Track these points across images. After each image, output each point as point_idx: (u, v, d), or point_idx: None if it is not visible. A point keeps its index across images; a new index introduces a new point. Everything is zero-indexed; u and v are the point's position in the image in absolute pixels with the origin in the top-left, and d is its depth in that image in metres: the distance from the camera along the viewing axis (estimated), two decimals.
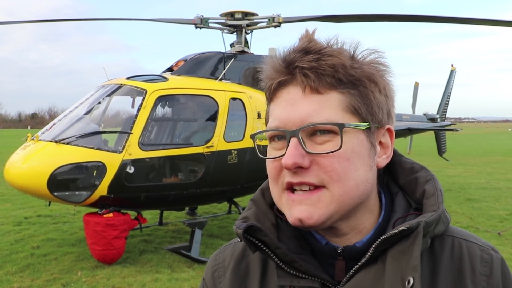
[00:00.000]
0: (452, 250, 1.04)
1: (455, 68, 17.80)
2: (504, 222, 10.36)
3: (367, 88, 1.00)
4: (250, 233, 1.05)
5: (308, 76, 0.97)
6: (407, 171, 1.12)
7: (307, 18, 9.47)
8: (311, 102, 0.97)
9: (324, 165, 0.96)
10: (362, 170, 1.00)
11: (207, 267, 1.26)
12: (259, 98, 8.91)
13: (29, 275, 6.92)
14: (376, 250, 0.98)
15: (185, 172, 8.01)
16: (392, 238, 0.96)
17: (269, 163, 1.03)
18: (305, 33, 1.03)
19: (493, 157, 28.45)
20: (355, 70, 0.99)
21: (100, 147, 7.19)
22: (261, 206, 1.15)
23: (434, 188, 1.05)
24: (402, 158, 1.14)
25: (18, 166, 6.99)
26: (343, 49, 1.00)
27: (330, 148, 0.96)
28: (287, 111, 0.99)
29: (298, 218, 0.97)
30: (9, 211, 11.79)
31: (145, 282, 6.65)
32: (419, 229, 0.95)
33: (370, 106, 1.00)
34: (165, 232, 9.64)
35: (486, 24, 9.62)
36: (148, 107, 7.44)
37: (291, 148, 0.96)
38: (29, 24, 14.48)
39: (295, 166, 0.95)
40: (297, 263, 1.02)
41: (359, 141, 0.99)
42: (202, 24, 9.37)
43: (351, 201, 0.99)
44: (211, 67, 8.84)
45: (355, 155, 0.98)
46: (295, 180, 0.97)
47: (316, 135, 0.97)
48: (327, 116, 0.96)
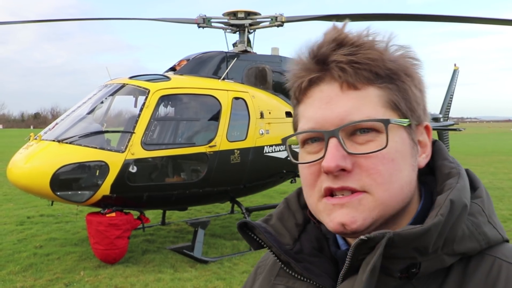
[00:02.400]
0: (489, 273, 0.89)
1: (458, 67, 17.76)
2: (507, 222, 10.31)
3: (404, 83, 0.93)
4: (251, 230, 1.04)
5: (345, 71, 0.90)
6: (443, 177, 0.99)
7: (310, 17, 9.45)
8: (349, 99, 0.90)
9: (368, 167, 0.89)
10: (406, 171, 0.92)
11: (257, 262, 1.25)
12: (262, 97, 8.90)
13: (32, 275, 6.92)
14: (355, 258, 0.89)
15: (188, 172, 8.00)
16: (362, 247, 0.87)
17: (304, 168, 0.95)
18: (333, 27, 0.95)
19: (496, 157, 28.36)
20: (391, 63, 0.92)
21: (102, 146, 7.19)
22: (292, 206, 1.10)
23: (444, 198, 0.90)
24: (445, 161, 1.02)
25: (21, 166, 6.99)
26: (376, 41, 0.93)
27: (373, 148, 0.89)
28: (322, 110, 0.92)
29: (340, 222, 0.89)
30: (12, 210, 11.80)
31: (148, 282, 6.64)
32: (382, 241, 0.83)
33: (409, 101, 0.93)
34: (168, 231, 9.63)
35: (489, 23, 9.59)
36: (151, 107, 7.43)
37: (332, 149, 0.88)
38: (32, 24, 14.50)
39: (338, 169, 0.88)
40: (290, 264, 0.99)
41: (401, 140, 0.92)
42: (205, 24, 9.36)
43: (396, 205, 0.92)
44: (213, 67, 8.84)
45: (399, 155, 0.91)
46: (336, 185, 0.89)
47: (356, 135, 0.90)
48: (368, 113, 0.89)
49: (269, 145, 8.69)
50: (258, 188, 9.34)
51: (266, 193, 12.36)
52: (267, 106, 8.81)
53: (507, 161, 25.16)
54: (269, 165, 8.79)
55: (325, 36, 0.95)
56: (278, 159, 8.90)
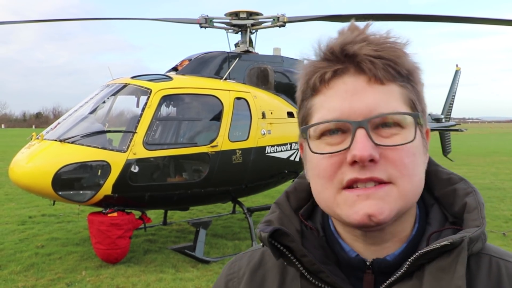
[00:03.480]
0: (490, 270, 0.94)
1: (460, 68, 17.75)
2: (509, 223, 10.31)
3: (417, 85, 0.97)
4: (275, 238, 0.98)
5: (375, 65, 0.91)
6: (444, 182, 1.04)
7: (312, 17, 9.45)
8: (377, 92, 0.91)
9: (394, 159, 0.89)
10: (422, 167, 0.96)
11: (221, 275, 1.18)
12: (264, 97, 8.90)
13: (34, 275, 6.93)
14: (412, 265, 0.91)
15: (190, 172, 8.00)
16: (431, 253, 0.89)
17: (323, 159, 0.93)
18: (354, 25, 0.98)
19: (497, 157, 28.33)
20: (410, 64, 0.95)
21: (104, 146, 7.19)
22: (285, 210, 1.08)
23: (476, 202, 0.97)
24: (439, 167, 1.07)
25: (22, 165, 7.00)
26: (397, 42, 0.96)
27: (398, 140, 0.90)
28: (349, 101, 0.91)
29: (367, 213, 0.88)
30: (13, 210, 11.81)
31: (150, 282, 6.64)
32: (463, 245, 0.88)
33: (422, 103, 0.97)
34: (169, 231, 9.64)
35: (492, 23, 9.57)
36: (153, 107, 7.43)
37: (362, 139, 0.88)
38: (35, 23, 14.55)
39: (370, 158, 0.87)
40: (324, 273, 0.95)
41: (418, 136, 0.93)
42: (207, 24, 9.37)
43: (414, 198, 0.94)
44: (215, 67, 8.84)
45: (418, 151, 0.93)
46: (363, 175, 0.88)
47: (380, 128, 0.91)
48: (394, 107, 0.91)
49: (271, 145, 8.69)
50: (260, 188, 9.34)
51: (267, 193, 12.36)
52: (269, 106, 8.81)
53: (508, 161, 25.13)
54: (271, 165, 8.79)
55: (346, 33, 0.96)
56: (280, 159, 8.90)
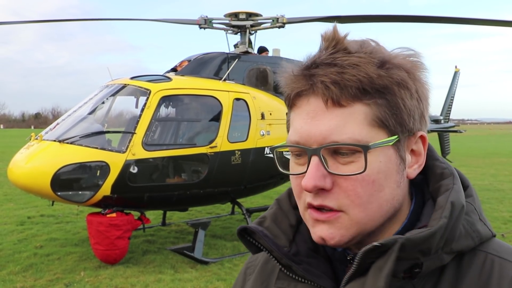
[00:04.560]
0: (482, 268, 0.93)
1: (459, 69, 17.76)
2: (507, 224, 10.31)
3: (395, 96, 0.90)
4: (250, 234, 1.05)
5: (329, 89, 0.88)
6: (436, 177, 1.02)
7: (311, 18, 9.46)
8: (334, 117, 0.89)
9: (346, 189, 0.90)
10: (388, 189, 0.92)
11: (244, 263, 1.27)
12: (263, 98, 8.90)
13: (32, 275, 6.92)
14: (363, 262, 0.91)
15: (189, 173, 8.00)
16: (373, 252, 0.89)
17: (292, 178, 0.98)
18: (332, 34, 0.94)
19: (496, 158, 28.35)
20: (382, 78, 0.89)
21: (103, 147, 7.19)
22: (284, 207, 1.11)
23: (445, 200, 0.93)
24: (436, 162, 1.04)
25: (21, 166, 6.99)
26: (373, 54, 0.91)
27: (354, 170, 0.89)
28: (308, 125, 0.91)
29: (320, 237, 0.93)
30: (12, 210, 11.80)
31: (148, 283, 6.64)
32: (394, 247, 0.85)
33: (399, 115, 0.91)
34: (168, 232, 9.63)
35: (491, 24, 9.59)
36: (152, 107, 7.43)
37: (312, 168, 0.89)
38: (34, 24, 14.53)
39: (315, 189, 0.89)
40: (294, 266, 1.00)
41: (386, 158, 0.91)
42: (206, 25, 9.37)
43: (373, 223, 0.94)
44: (215, 68, 8.84)
45: (381, 175, 0.91)
46: (315, 202, 0.92)
47: (339, 155, 0.90)
48: (350, 134, 0.88)
49: (270, 146, 8.68)
50: (259, 189, 9.34)
51: (266, 194, 12.34)
52: (268, 107, 8.82)
53: (507, 163, 25.14)
54: (270, 166, 8.76)
55: (324, 42, 0.95)
56: None
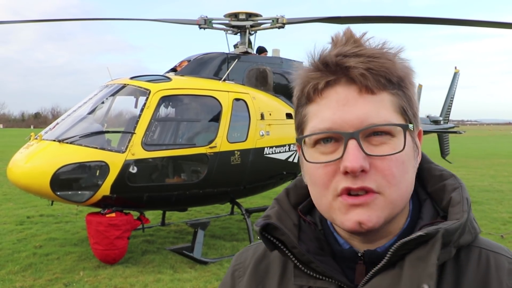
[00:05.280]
0: (479, 262, 1.00)
1: (459, 70, 17.78)
2: (507, 225, 10.31)
3: (409, 89, 1.00)
4: (269, 232, 1.05)
5: (365, 76, 0.94)
6: (436, 178, 1.09)
7: (311, 19, 9.46)
8: (367, 103, 0.95)
9: (383, 169, 0.94)
10: (411, 173, 0.99)
11: (230, 266, 1.26)
12: (263, 99, 8.90)
13: (31, 275, 6.92)
14: (394, 255, 0.96)
15: (188, 173, 8.00)
16: (410, 243, 0.94)
17: (318, 168, 0.97)
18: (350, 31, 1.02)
19: (496, 159, 28.36)
20: (400, 71, 0.98)
21: (103, 147, 7.18)
22: (284, 206, 1.13)
23: (460, 196, 1.02)
24: (432, 165, 1.13)
25: (21, 165, 6.99)
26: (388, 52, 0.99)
27: (387, 150, 0.94)
28: (341, 112, 0.95)
29: (357, 221, 0.94)
30: (11, 210, 11.80)
31: (147, 283, 6.64)
32: (438, 236, 0.92)
33: (413, 107, 1.01)
34: (168, 232, 9.63)
35: (491, 26, 9.59)
36: (152, 107, 7.43)
37: (354, 150, 0.92)
38: (34, 23, 14.50)
39: (361, 169, 0.92)
40: (314, 263, 1.02)
41: (410, 143, 0.99)
42: (206, 25, 9.37)
43: (401, 204, 0.99)
44: (214, 68, 8.84)
45: (407, 158, 0.97)
46: (355, 185, 0.93)
47: (372, 137, 0.95)
48: (385, 117, 0.95)
49: (269, 146, 8.69)
50: (258, 189, 9.34)
51: (266, 194, 12.34)
52: (268, 108, 8.82)
53: (507, 164, 25.14)
54: (269, 167, 8.79)
55: (340, 42, 1.00)
56: (278, 160, 8.91)
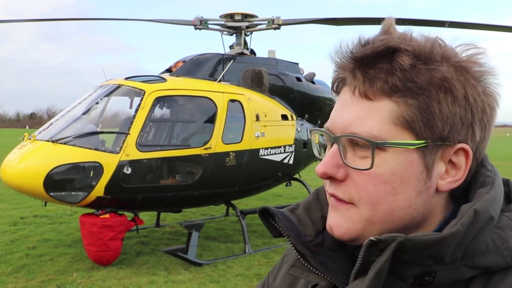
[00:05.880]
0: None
1: None
2: None
3: (431, 98, 0.83)
4: (273, 217, 1.03)
5: (356, 77, 0.86)
6: (478, 185, 0.92)
7: (307, 20, 9.46)
8: (358, 108, 0.86)
9: (357, 183, 0.87)
10: (403, 195, 0.86)
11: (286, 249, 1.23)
12: (258, 100, 8.88)
13: (24, 276, 6.87)
14: (366, 259, 0.85)
15: (183, 174, 7.97)
16: (372, 249, 0.83)
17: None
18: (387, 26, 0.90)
19: (492, 161, 28.37)
20: (417, 74, 0.83)
21: (97, 147, 7.14)
22: (321, 197, 1.07)
23: (467, 208, 0.84)
24: (482, 169, 0.95)
25: (14, 166, 6.94)
26: (411, 46, 0.85)
27: (365, 165, 0.85)
28: (337, 113, 0.91)
29: (329, 224, 0.92)
30: (5, 211, 11.73)
31: (141, 284, 6.60)
32: (391, 245, 0.79)
33: (431, 120, 0.83)
34: (162, 234, 9.59)
35: (489, 29, 9.61)
36: (146, 108, 7.40)
37: (328, 155, 0.89)
38: (31, 23, 14.44)
39: (325, 176, 0.89)
40: (307, 257, 0.98)
41: (406, 162, 0.85)
42: (202, 26, 9.36)
43: (382, 226, 0.88)
44: (210, 69, 8.82)
45: (396, 178, 0.85)
46: (329, 190, 0.92)
47: (358, 147, 0.87)
48: (369, 128, 0.84)
49: (264, 147, 8.67)
50: (253, 190, 9.32)
51: (261, 196, 12.33)
52: (263, 109, 8.80)
53: (503, 166, 25.21)
54: (265, 168, 8.77)
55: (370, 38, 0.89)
56: (273, 162, 8.89)
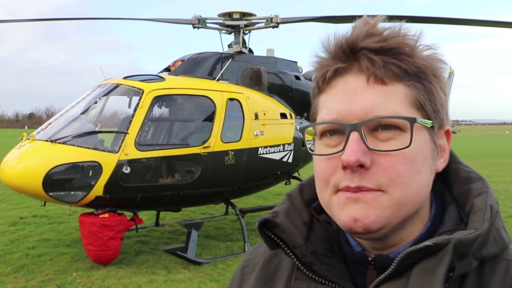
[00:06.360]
0: (505, 276, 0.90)
1: (454, 70, 17.84)
2: None
3: (431, 83, 0.90)
4: (270, 229, 0.98)
5: (374, 63, 0.87)
6: (462, 181, 0.99)
7: (305, 18, 9.45)
8: (375, 93, 0.87)
9: (386, 166, 0.86)
10: (424, 174, 0.90)
11: (241, 261, 1.20)
12: (257, 98, 8.88)
13: (24, 276, 6.86)
14: (401, 263, 0.88)
15: (182, 173, 7.97)
16: (418, 252, 0.86)
17: (321, 161, 0.92)
18: (364, 20, 0.93)
19: (490, 159, 28.48)
20: (421, 61, 0.89)
21: (96, 147, 7.14)
22: (295, 202, 1.06)
23: (484, 203, 0.91)
24: (460, 165, 1.02)
25: (13, 166, 6.93)
26: (407, 37, 0.90)
27: (394, 146, 0.86)
28: (347, 102, 0.88)
29: (353, 217, 0.86)
30: (4, 211, 11.72)
31: (141, 283, 6.60)
32: (448, 247, 0.82)
33: (434, 102, 0.91)
34: (161, 233, 9.59)
35: (487, 25, 9.60)
36: (145, 107, 7.39)
37: (353, 143, 0.85)
38: (30, 23, 14.41)
39: (357, 164, 0.85)
40: (316, 266, 0.95)
41: (424, 141, 0.89)
42: (200, 24, 9.34)
43: (410, 207, 0.89)
44: (208, 67, 8.81)
45: (419, 156, 0.88)
46: (353, 184, 0.86)
47: (378, 131, 0.87)
48: (393, 110, 0.86)
49: (263, 146, 8.67)
50: (253, 189, 9.31)
51: (260, 194, 12.33)
52: (262, 107, 8.79)
53: (501, 163, 25.25)
54: (264, 167, 8.77)
55: (356, 27, 0.92)
56: (272, 160, 8.89)
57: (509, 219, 10.91)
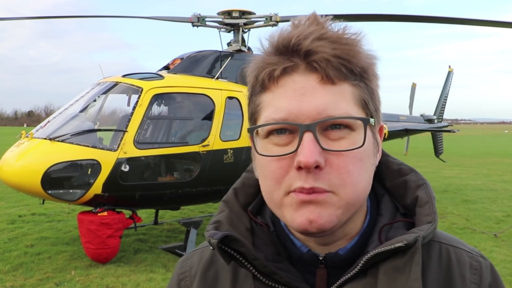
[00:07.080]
0: (440, 258, 0.96)
1: (453, 69, 17.86)
2: (500, 224, 10.34)
3: (372, 82, 0.93)
4: (225, 243, 0.94)
5: (323, 63, 0.86)
6: (395, 173, 1.04)
7: None
8: (326, 93, 0.87)
9: (338, 166, 0.86)
10: (369, 171, 0.92)
11: (173, 274, 1.13)
12: None
13: (22, 274, 6.85)
14: (367, 263, 0.89)
15: (181, 171, 7.96)
16: (386, 252, 0.88)
17: (271, 161, 0.89)
18: (310, 18, 0.92)
19: (489, 158, 28.51)
20: (364, 60, 0.90)
21: (95, 145, 7.13)
22: (234, 208, 1.04)
23: (427, 195, 0.97)
24: (389, 158, 1.06)
25: (11, 164, 6.92)
26: (352, 39, 0.91)
27: (345, 145, 0.87)
28: (297, 101, 0.87)
29: (308, 218, 0.85)
30: (3, 209, 11.70)
31: (139, 282, 6.60)
32: (417, 245, 0.86)
33: (375, 101, 0.94)
34: (160, 231, 9.59)
35: (486, 25, 9.60)
36: (144, 105, 7.38)
37: (309, 144, 0.84)
38: (29, 20, 14.48)
39: (315, 165, 0.84)
40: (277, 274, 0.93)
41: (369, 139, 0.91)
42: (199, 23, 9.33)
43: (358, 205, 0.92)
44: (207, 66, 8.80)
45: (366, 155, 0.90)
46: (307, 185, 0.85)
47: (328, 130, 0.87)
48: (345, 110, 0.87)
49: None
50: None
51: None
52: None
53: (500, 163, 25.28)
54: None
55: (302, 26, 0.91)
56: None
57: (509, 218, 10.95)
